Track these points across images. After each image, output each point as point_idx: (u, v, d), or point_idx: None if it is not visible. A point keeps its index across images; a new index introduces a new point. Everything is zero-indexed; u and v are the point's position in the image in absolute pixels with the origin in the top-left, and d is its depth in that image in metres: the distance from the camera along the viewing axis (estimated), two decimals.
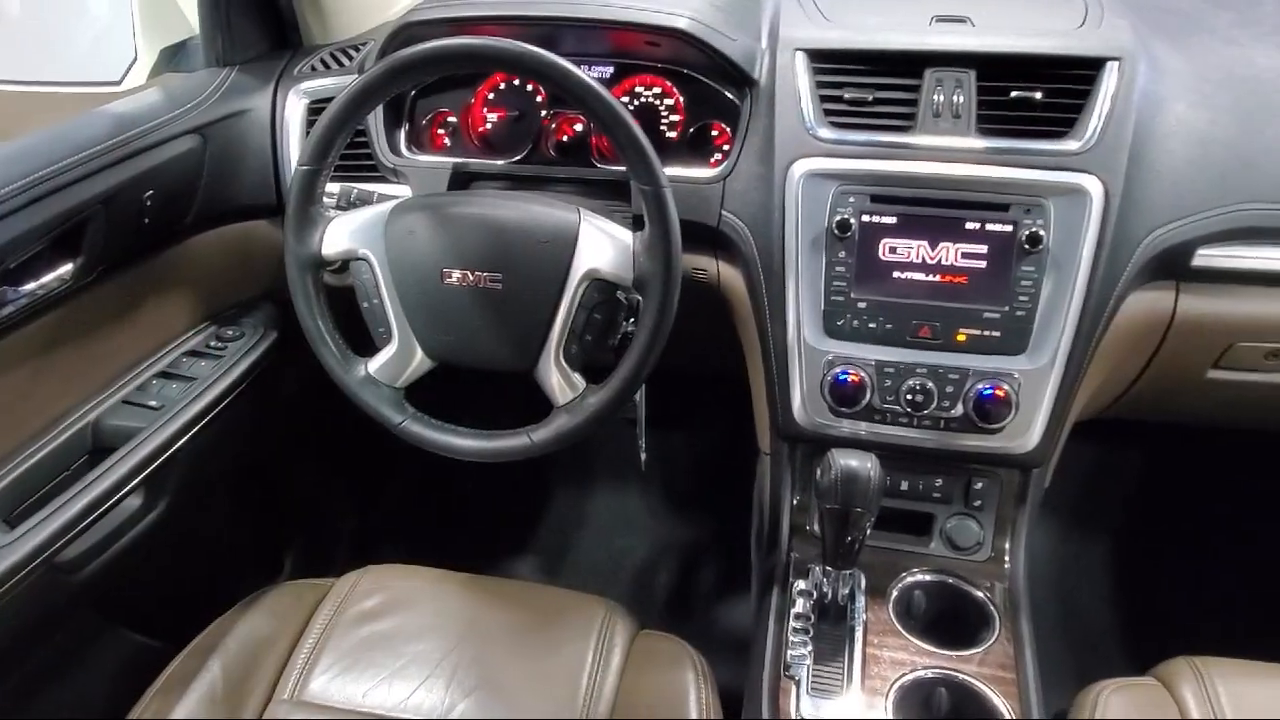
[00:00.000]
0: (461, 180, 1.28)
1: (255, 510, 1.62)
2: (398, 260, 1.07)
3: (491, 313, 1.06)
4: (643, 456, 1.28)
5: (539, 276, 1.04)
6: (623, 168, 1.10)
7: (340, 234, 1.09)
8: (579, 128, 1.31)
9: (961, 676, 1.01)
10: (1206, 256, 1.09)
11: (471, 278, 1.05)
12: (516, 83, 1.34)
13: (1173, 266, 1.09)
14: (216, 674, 1.12)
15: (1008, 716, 0.97)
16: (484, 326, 1.07)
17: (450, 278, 1.06)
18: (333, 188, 1.20)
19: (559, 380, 1.07)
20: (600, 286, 1.05)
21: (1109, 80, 1.07)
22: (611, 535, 1.90)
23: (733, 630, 1.65)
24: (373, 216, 1.09)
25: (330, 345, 1.09)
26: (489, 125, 1.35)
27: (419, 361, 1.11)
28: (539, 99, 1.33)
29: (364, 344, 1.13)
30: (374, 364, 1.11)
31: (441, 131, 1.36)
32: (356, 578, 1.24)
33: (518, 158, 1.29)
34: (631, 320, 1.10)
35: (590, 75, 1.29)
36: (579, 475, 1.98)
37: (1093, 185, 1.05)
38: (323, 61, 1.41)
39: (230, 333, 1.39)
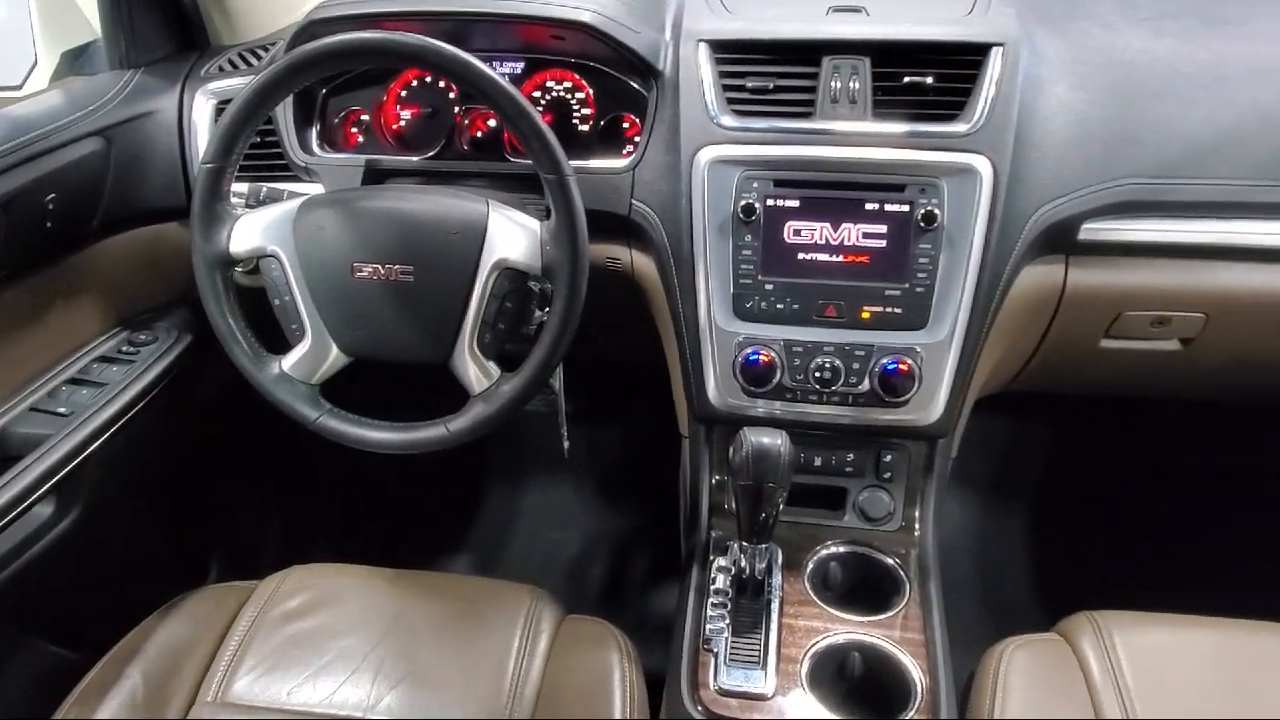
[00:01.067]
0: (375, 177, 1.28)
1: (176, 516, 1.59)
2: (308, 256, 1.07)
3: (404, 305, 1.07)
4: (565, 445, 1.30)
5: (450, 267, 1.05)
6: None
7: (248, 231, 1.08)
8: (492, 123, 1.33)
9: (873, 640, 1.05)
10: (1091, 230, 1.14)
11: (382, 271, 1.06)
12: (429, 80, 1.34)
13: (1061, 241, 1.15)
14: (137, 680, 1.11)
15: (916, 675, 1.01)
16: (397, 319, 1.07)
17: (361, 272, 1.06)
18: (241, 187, 1.20)
19: (474, 370, 1.08)
20: (510, 275, 1.06)
21: (994, 65, 1.11)
22: (544, 529, 1.91)
23: (664, 613, 1.68)
24: (281, 213, 1.09)
25: (242, 344, 1.09)
26: (402, 122, 1.35)
27: (334, 357, 1.11)
28: (452, 95, 1.34)
29: (280, 343, 1.13)
30: (288, 361, 1.11)
31: (355, 130, 1.36)
32: (281, 578, 1.23)
33: (431, 153, 1.30)
34: (546, 309, 1.12)
35: (500, 71, 1.31)
36: (511, 472, 1.99)
37: (982, 165, 1.09)
38: (231, 62, 1.40)
39: (143, 337, 1.37)
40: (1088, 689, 1.03)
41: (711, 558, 1.15)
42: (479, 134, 1.33)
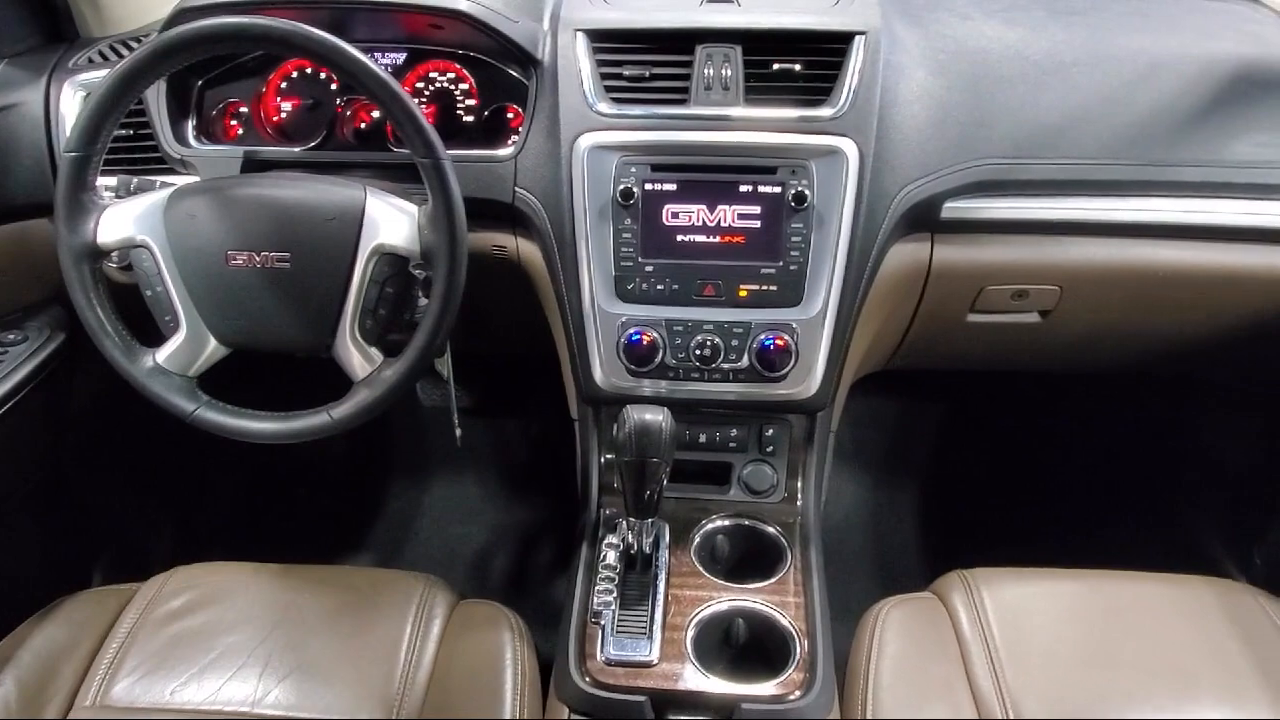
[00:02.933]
0: (255, 169, 1.26)
1: (54, 520, 1.54)
2: (179, 245, 1.06)
3: (282, 293, 1.06)
4: (458, 434, 1.30)
5: (327, 254, 1.05)
6: None
7: (116, 221, 1.06)
8: (376, 114, 1.32)
9: (754, 605, 1.08)
10: (953, 209, 1.20)
11: (258, 259, 1.05)
12: (310, 71, 1.33)
13: (925, 219, 1.20)
14: (10, 687, 1.07)
15: (796, 636, 1.05)
16: (275, 308, 1.07)
17: (236, 260, 1.05)
18: (111, 180, 1.17)
19: (357, 356, 1.08)
20: (390, 260, 1.06)
21: (857, 52, 1.17)
22: (447, 524, 1.91)
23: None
24: (151, 202, 1.07)
25: (113, 336, 1.06)
26: (283, 114, 1.34)
27: (211, 349, 1.10)
28: (333, 87, 1.33)
29: (157, 338, 1.11)
30: (162, 353, 1.09)
31: (234, 122, 1.34)
32: (164, 579, 1.20)
33: (313, 144, 1.29)
34: (429, 295, 1.12)
35: (381, 62, 1.31)
36: (412, 468, 1.98)
37: (848, 147, 1.14)
38: (101, 54, 1.37)
39: (12, 337, 1.32)
40: (957, 641, 1.09)
41: (602, 535, 1.17)
42: (362, 125, 1.32)
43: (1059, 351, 1.44)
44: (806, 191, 1.14)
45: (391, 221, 1.06)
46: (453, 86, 1.33)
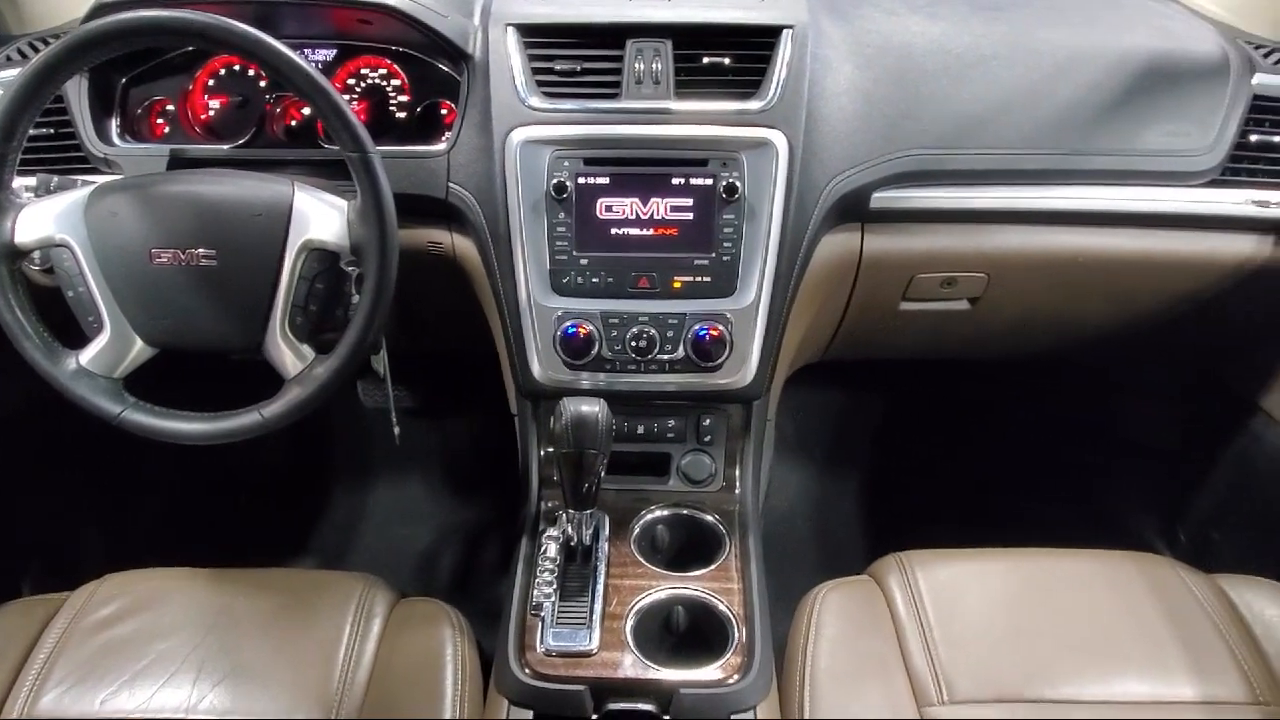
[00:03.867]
0: (182, 167, 1.24)
1: None
2: (101, 244, 1.03)
3: (209, 291, 1.04)
4: (396, 432, 1.29)
5: (255, 250, 1.04)
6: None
7: (35, 220, 1.04)
8: (306, 111, 1.31)
9: (693, 592, 1.09)
10: (882, 199, 1.23)
11: (183, 256, 1.03)
12: (238, 68, 1.32)
13: (855, 209, 1.23)
14: None
15: (734, 621, 1.06)
16: (203, 306, 1.05)
17: (160, 258, 1.03)
18: (31, 180, 1.14)
19: (288, 354, 1.07)
20: (320, 256, 1.05)
21: (785, 46, 1.19)
22: (391, 526, 1.89)
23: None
24: (71, 201, 1.05)
25: (34, 339, 1.04)
26: (211, 112, 1.32)
27: (137, 350, 1.08)
28: (262, 84, 1.31)
29: (83, 340, 1.08)
30: (85, 355, 1.06)
31: (160, 120, 1.31)
32: (94, 587, 1.17)
33: (242, 142, 1.27)
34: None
35: (311, 58, 1.30)
36: (356, 471, 1.96)
37: (778, 139, 1.16)
38: (20, 51, 1.33)
39: None
40: (893, 621, 1.11)
41: (542, 528, 1.17)
42: (292, 122, 1.31)
43: (989, 338, 1.48)
44: (737, 183, 1.15)
45: (320, 216, 1.05)
46: (384, 83, 1.32)
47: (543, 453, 1.28)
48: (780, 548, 1.71)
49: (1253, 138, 1.24)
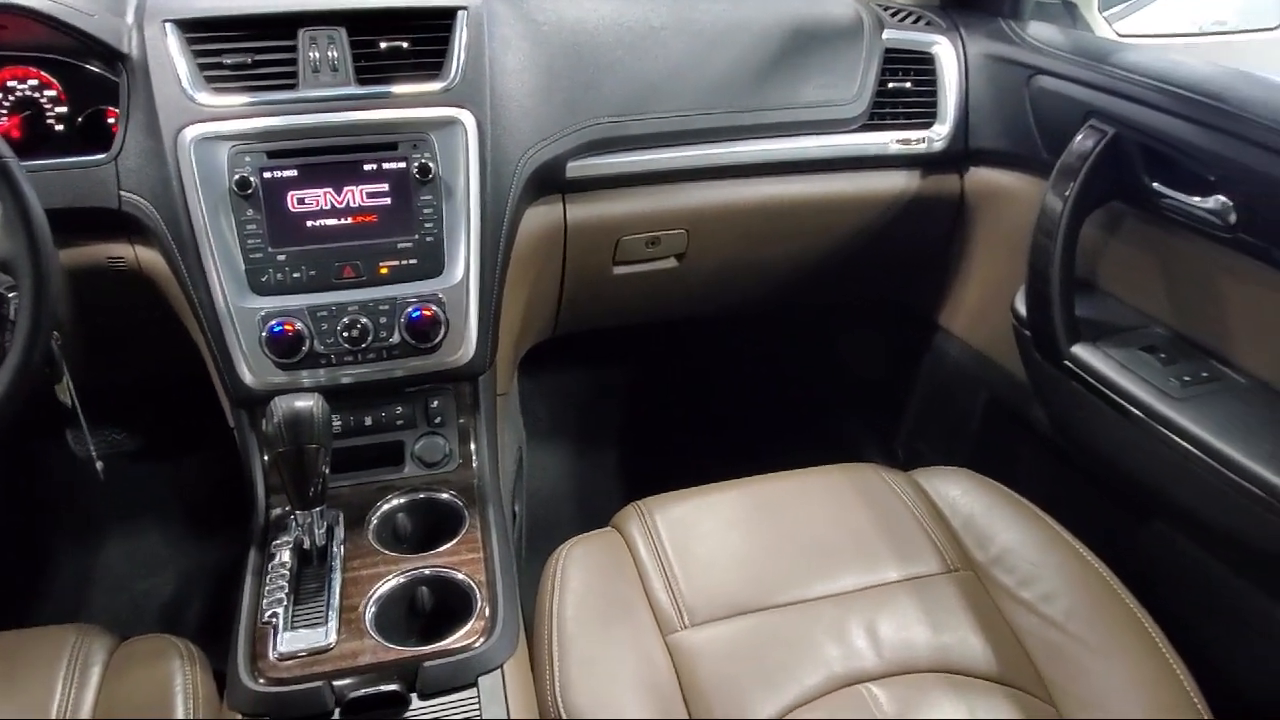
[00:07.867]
0: None
1: None
2: None
3: None
4: (99, 466, 1.20)
5: None
6: None
7: None
8: None
9: (434, 570, 1.09)
10: (576, 168, 1.28)
11: None
12: None
13: (552, 181, 1.27)
14: None
15: (476, 590, 1.06)
16: None
17: None
18: None
19: None
20: None
21: (462, 27, 1.21)
22: (131, 580, 1.73)
23: None
24: None
25: None
26: None
27: None
28: None
29: None
30: None
31: None
32: None
33: None
34: None
35: None
36: (85, 527, 1.78)
37: (465, 117, 1.18)
38: None
39: None
40: (635, 565, 1.16)
41: (273, 536, 1.12)
42: None
43: (700, 291, 1.58)
44: (430, 164, 1.16)
45: None
46: (36, 94, 1.21)
47: (265, 459, 1.23)
48: (545, 529, 1.73)
49: (890, 85, 1.42)
